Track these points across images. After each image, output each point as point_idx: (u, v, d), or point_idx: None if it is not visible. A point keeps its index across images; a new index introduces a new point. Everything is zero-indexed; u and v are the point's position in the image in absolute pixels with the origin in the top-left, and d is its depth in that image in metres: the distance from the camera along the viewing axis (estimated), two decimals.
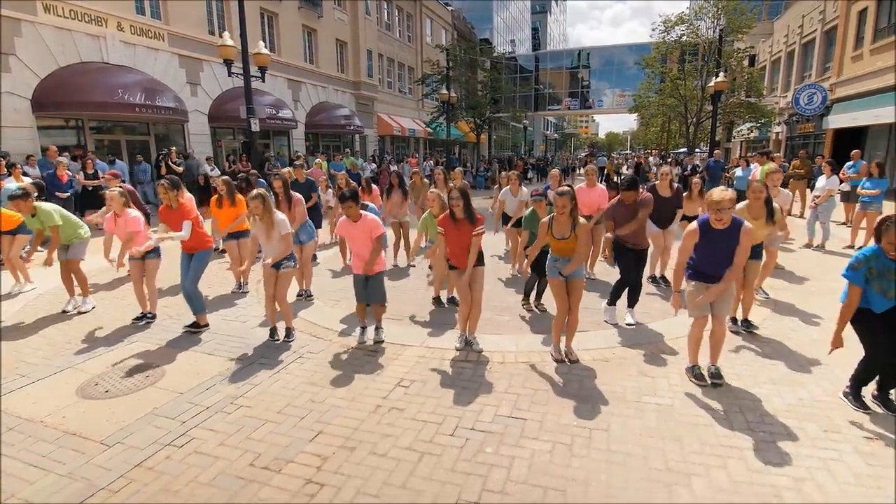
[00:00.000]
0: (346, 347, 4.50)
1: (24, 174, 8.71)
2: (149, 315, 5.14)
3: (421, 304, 5.68)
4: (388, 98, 27.91)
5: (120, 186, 5.48)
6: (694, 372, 3.73)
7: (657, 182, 6.16)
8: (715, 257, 3.47)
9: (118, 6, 12.94)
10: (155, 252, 5.01)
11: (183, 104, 14.17)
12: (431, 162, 22.81)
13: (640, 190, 4.98)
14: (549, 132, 67.02)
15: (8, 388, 3.78)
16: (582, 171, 11.11)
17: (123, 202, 4.95)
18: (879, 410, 3.24)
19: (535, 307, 5.45)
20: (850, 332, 3.26)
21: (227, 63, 10.87)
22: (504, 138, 48.23)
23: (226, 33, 10.83)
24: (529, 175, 25.15)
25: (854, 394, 3.32)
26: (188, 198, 5.95)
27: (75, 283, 5.54)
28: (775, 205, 4.49)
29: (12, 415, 3.40)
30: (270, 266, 4.45)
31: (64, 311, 5.45)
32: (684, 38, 19.59)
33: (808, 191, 12.36)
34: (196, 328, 4.85)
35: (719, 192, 3.34)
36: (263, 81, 12.06)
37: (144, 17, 13.91)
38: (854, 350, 3.30)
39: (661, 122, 28.17)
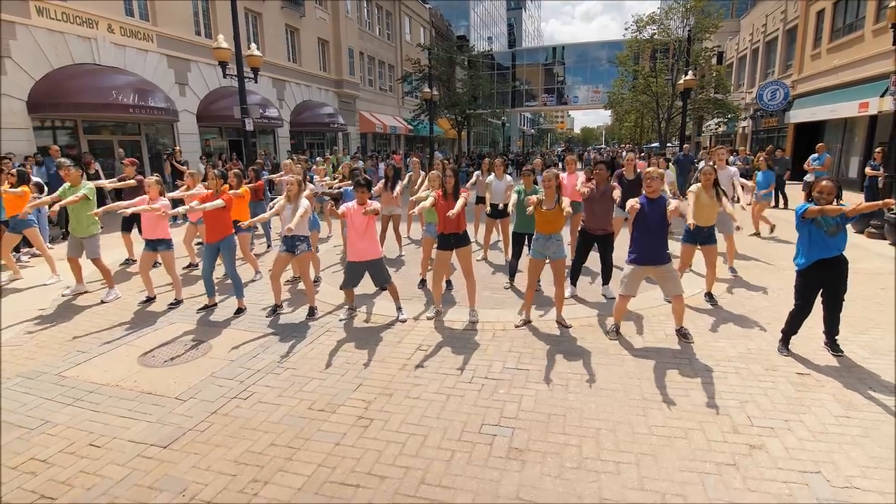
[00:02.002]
0: (363, 323, 5.13)
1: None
2: (174, 302, 5.69)
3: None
4: (370, 96, 28.32)
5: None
6: (609, 327, 4.62)
7: (623, 168, 6.98)
8: (650, 237, 4.19)
9: (108, 8, 13.13)
10: (166, 244, 5.56)
11: (173, 104, 14.43)
12: (439, 154, 23.28)
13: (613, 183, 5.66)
14: (525, 128, 68.13)
15: (74, 360, 4.30)
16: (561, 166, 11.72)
17: (160, 190, 5.50)
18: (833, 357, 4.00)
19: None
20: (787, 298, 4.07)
21: (222, 65, 11.24)
22: (482, 134, 49.03)
23: (220, 35, 11.18)
24: (510, 170, 25.91)
25: (782, 341, 4.17)
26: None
27: (98, 273, 6.06)
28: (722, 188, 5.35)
29: (87, 381, 3.94)
30: (285, 250, 5.07)
31: (62, 295, 6.07)
32: (655, 36, 20.63)
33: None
34: (237, 313, 5.40)
35: (652, 167, 4.16)
36: (256, 82, 12.45)
37: (133, 18, 14.10)
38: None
39: (635, 118, 29.40)
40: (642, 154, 22.20)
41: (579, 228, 5.69)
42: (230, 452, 3.00)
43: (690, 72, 16.26)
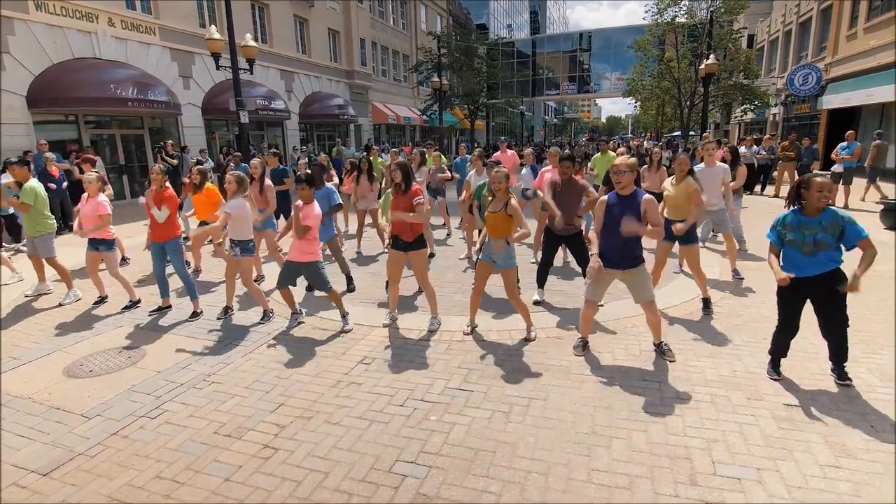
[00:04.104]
0: (318, 329, 4.76)
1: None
2: (130, 303, 5.46)
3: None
4: (383, 86, 27.93)
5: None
6: (576, 343, 4.09)
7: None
8: (618, 237, 3.60)
9: (108, 2, 13.07)
10: (107, 244, 5.31)
11: (175, 97, 14.37)
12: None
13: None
14: (548, 117, 66.58)
15: (3, 368, 4.08)
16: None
17: (99, 187, 5.25)
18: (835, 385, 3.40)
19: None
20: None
21: (215, 56, 11.02)
22: (503, 124, 48.08)
23: (212, 27, 10.97)
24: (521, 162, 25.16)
25: (771, 363, 3.58)
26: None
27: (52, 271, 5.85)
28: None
29: (5, 393, 3.70)
30: (237, 254, 4.74)
31: (25, 296, 5.89)
32: (677, 19, 19.45)
33: (795, 172, 12.48)
34: (193, 316, 5.12)
35: (620, 158, 3.59)
36: (252, 73, 12.22)
37: (135, 11, 14.05)
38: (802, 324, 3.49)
39: (656, 106, 28.05)
40: (660, 144, 21.13)
41: (544, 227, 5.15)
42: (108, 486, 2.67)
43: (712, 56, 15.17)
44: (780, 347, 3.54)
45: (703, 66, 15.31)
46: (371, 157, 8.62)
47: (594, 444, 2.85)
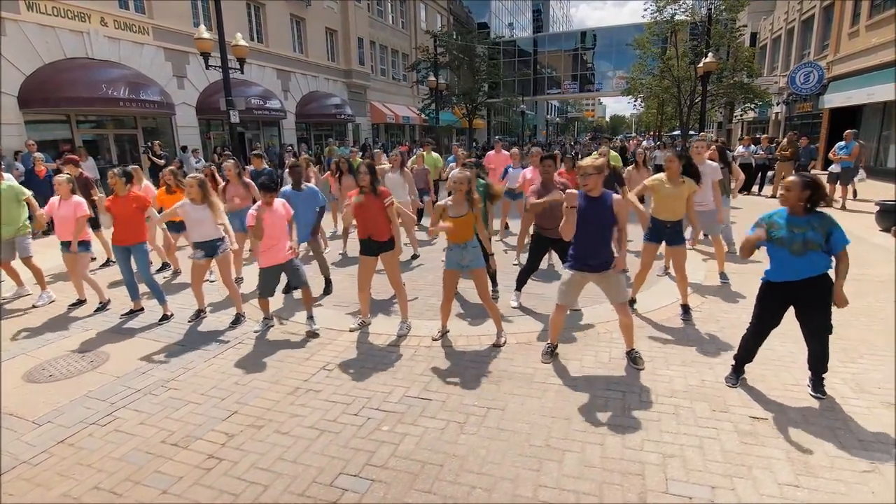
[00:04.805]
0: (287, 333, 4.69)
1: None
2: (100, 304, 5.40)
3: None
4: (382, 85, 27.86)
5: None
6: (544, 350, 3.97)
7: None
8: (589, 239, 3.51)
9: (100, 2, 13.06)
10: (83, 245, 5.24)
11: (169, 97, 14.35)
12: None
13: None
14: (550, 116, 66.24)
15: None
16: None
17: (70, 188, 5.19)
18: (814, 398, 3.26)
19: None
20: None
21: (205, 56, 10.97)
22: (504, 123, 47.87)
23: (202, 26, 10.92)
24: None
25: (734, 369, 3.49)
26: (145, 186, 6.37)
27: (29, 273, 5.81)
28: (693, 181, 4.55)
29: None
30: (203, 256, 4.67)
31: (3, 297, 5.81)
32: (676, 17, 19.22)
33: (793, 172, 12.30)
34: (162, 319, 5.06)
35: (587, 159, 3.47)
36: (242, 73, 12.17)
37: (128, 11, 14.05)
38: (777, 332, 3.37)
39: (656, 105, 27.77)
40: (660, 144, 20.94)
41: (532, 232, 5.03)
42: (46, 496, 2.61)
43: (711, 54, 14.97)
44: (748, 352, 3.42)
45: (701, 65, 15.11)
46: (351, 158, 8.51)
47: (546, 458, 2.75)
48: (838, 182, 10.41)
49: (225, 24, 10.62)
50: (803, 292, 3.11)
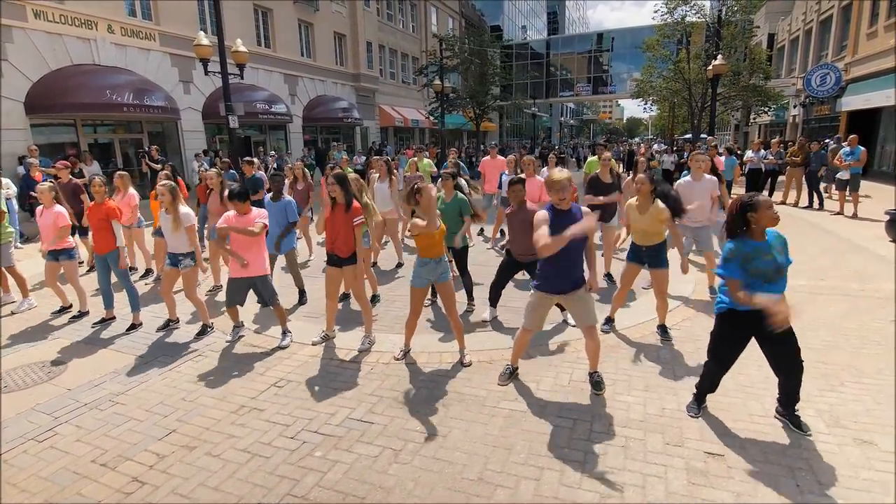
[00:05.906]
0: (251, 345, 4.62)
1: None
2: (78, 313, 5.41)
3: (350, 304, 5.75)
4: (391, 89, 27.89)
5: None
6: (502, 371, 3.82)
7: (599, 170, 6.04)
8: (558, 259, 3.22)
9: (108, 9, 13.32)
10: (67, 253, 5.25)
11: (174, 102, 14.55)
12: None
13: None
14: (564, 118, 65.58)
15: None
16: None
17: (53, 196, 5.21)
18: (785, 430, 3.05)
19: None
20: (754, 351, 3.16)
21: (204, 62, 11.07)
22: (517, 126, 47.56)
23: (201, 32, 11.01)
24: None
25: (696, 398, 3.28)
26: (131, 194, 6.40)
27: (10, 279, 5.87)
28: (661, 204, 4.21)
29: None
30: (170, 265, 4.62)
31: None
32: (688, 18, 18.77)
33: (804, 178, 11.83)
34: (131, 328, 5.05)
35: (557, 172, 3.26)
36: (242, 79, 12.24)
37: (135, 18, 14.29)
38: (756, 355, 3.13)
39: (668, 108, 27.17)
40: (676, 148, 20.42)
41: (505, 249, 4.84)
42: None
43: (720, 56, 14.54)
44: (712, 384, 3.21)
45: (710, 67, 14.69)
46: (342, 165, 8.45)
47: (475, 494, 2.60)
48: (847, 189, 9.96)
49: (232, 29, 10.73)
50: (765, 323, 2.88)
